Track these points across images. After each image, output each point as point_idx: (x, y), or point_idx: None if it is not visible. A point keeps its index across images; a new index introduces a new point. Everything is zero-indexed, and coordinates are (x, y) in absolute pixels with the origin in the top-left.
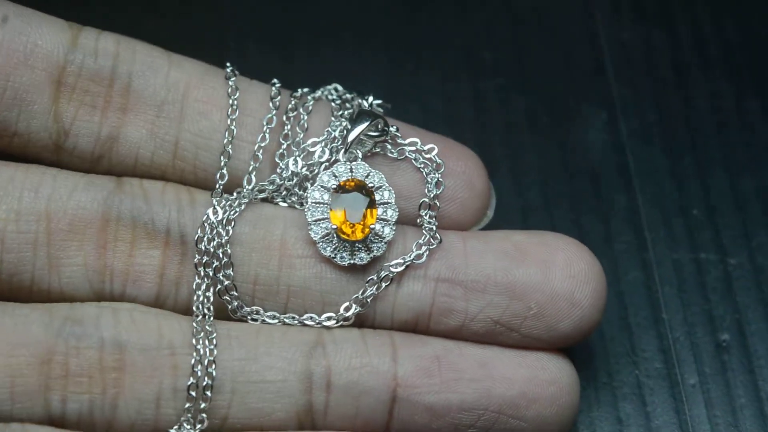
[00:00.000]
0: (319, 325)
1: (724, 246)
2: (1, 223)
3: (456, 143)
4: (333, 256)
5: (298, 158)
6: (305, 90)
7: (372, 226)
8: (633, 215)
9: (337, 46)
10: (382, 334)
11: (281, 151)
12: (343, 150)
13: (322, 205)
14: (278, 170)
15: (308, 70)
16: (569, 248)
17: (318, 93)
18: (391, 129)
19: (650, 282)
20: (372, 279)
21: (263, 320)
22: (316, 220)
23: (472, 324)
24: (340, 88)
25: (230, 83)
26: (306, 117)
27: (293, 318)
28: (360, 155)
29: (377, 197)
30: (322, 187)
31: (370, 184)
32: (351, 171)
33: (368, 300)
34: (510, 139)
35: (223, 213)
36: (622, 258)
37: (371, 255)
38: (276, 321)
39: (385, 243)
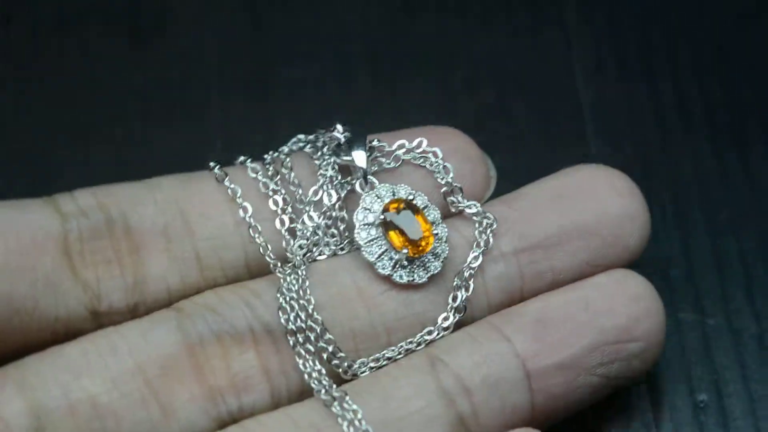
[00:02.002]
0: (423, 345)
1: (703, 306)
2: (104, 397)
3: (435, 127)
4: (391, 274)
5: (312, 213)
6: (272, 153)
7: (435, 235)
8: None
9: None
10: (481, 322)
11: (289, 215)
12: (362, 179)
13: (370, 227)
14: (298, 233)
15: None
16: (601, 173)
17: (286, 148)
18: (374, 143)
19: None
20: (457, 283)
21: (371, 367)
22: (368, 242)
23: (560, 277)
24: (302, 136)
25: (222, 180)
26: (292, 174)
27: (393, 350)
28: (377, 181)
29: (428, 215)
30: (365, 209)
31: (415, 202)
32: (393, 194)
33: (464, 304)
34: None
35: (296, 284)
36: None
37: (429, 273)
38: (383, 361)
39: (442, 261)
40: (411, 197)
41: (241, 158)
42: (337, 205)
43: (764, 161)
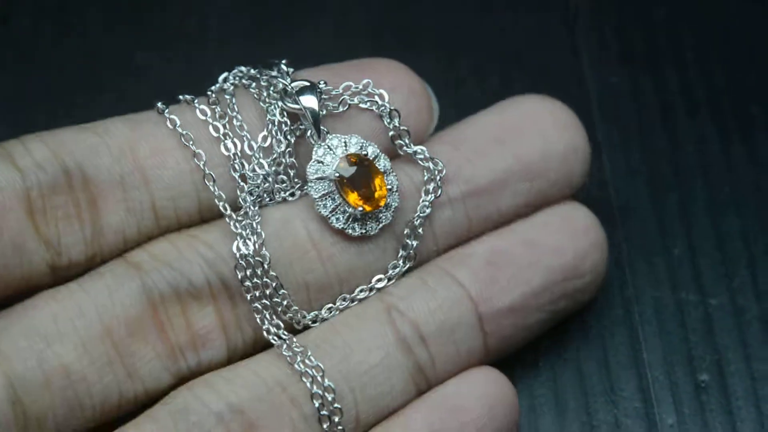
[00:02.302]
0: (371, 291)
1: (705, 286)
2: (76, 364)
3: (376, 61)
4: (344, 227)
5: (262, 161)
6: (213, 88)
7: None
8: (615, 252)
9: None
10: (432, 266)
11: (240, 161)
12: (313, 130)
13: (323, 181)
14: (249, 180)
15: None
16: (544, 105)
17: (227, 85)
18: (320, 86)
19: (630, 320)
20: (407, 232)
21: (323, 318)
22: (322, 196)
23: (504, 216)
24: (243, 69)
25: (174, 126)
26: (239, 117)
27: (345, 299)
28: (327, 130)
29: (379, 166)
30: (317, 161)
31: (367, 155)
32: (345, 145)
33: (414, 252)
34: None
35: (252, 243)
36: (602, 296)
37: (380, 225)
38: (336, 311)
39: (393, 212)
40: (362, 149)
41: (187, 96)
42: (287, 152)
43: (766, 144)
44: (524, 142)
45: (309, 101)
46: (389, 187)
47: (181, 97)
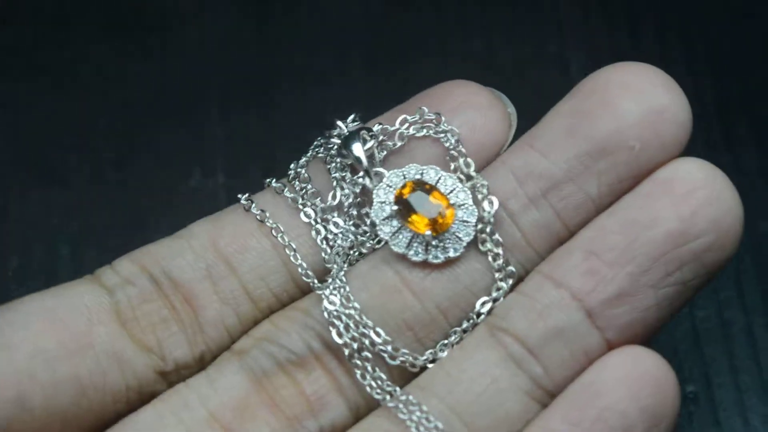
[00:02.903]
0: (479, 317)
1: (693, 299)
2: None
3: (438, 87)
4: (426, 257)
5: (336, 219)
6: (295, 164)
7: (454, 205)
8: None
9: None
10: (533, 274)
11: (322, 224)
12: (365, 175)
13: (390, 220)
14: (330, 241)
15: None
16: (615, 73)
17: (304, 159)
18: (375, 129)
19: None
20: (489, 246)
21: (436, 357)
22: (393, 235)
23: (600, 199)
24: (320, 140)
25: (249, 208)
26: (310, 185)
27: (456, 333)
28: (384, 170)
29: (452, 200)
30: (379, 203)
31: (425, 179)
32: (404, 177)
33: (513, 269)
34: None
35: (338, 297)
36: None
37: (463, 243)
38: (450, 347)
39: (463, 246)
40: (422, 175)
41: (267, 180)
42: (356, 203)
43: (753, 157)
44: (594, 119)
45: (355, 149)
46: (454, 203)
47: (266, 181)
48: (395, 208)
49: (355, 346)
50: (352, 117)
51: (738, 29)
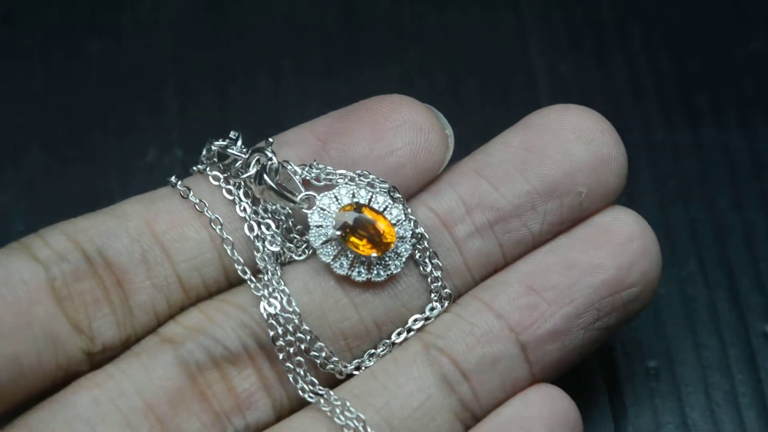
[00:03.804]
0: (412, 332)
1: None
2: None
3: (376, 101)
4: (369, 277)
5: (269, 221)
6: (201, 159)
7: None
8: None
9: (275, 73)
10: (467, 299)
11: (255, 220)
12: (290, 202)
13: (329, 243)
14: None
15: (246, 101)
16: (567, 116)
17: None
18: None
19: None
20: (437, 263)
21: (366, 365)
22: (334, 258)
23: (540, 236)
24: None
25: (187, 196)
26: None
27: (385, 345)
28: (316, 195)
29: (387, 217)
30: (316, 227)
31: (360, 200)
32: (337, 200)
33: (450, 292)
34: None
35: (278, 301)
36: None
37: (403, 258)
38: (377, 357)
39: (403, 261)
40: (354, 196)
41: (198, 167)
42: (287, 213)
43: (713, 133)
44: (547, 160)
45: (272, 183)
46: (394, 221)
47: (193, 168)
48: (337, 232)
49: (291, 350)
50: (236, 135)
51: (695, 8)
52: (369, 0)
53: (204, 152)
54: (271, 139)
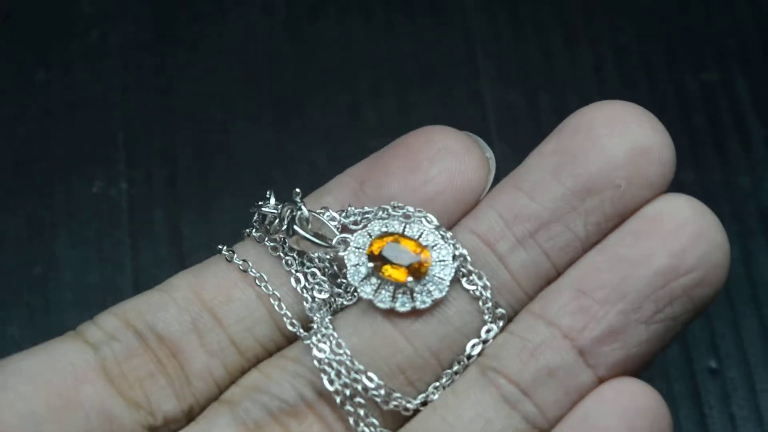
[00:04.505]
0: (470, 359)
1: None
2: None
3: (410, 136)
4: (392, 305)
5: (314, 270)
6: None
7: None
8: None
9: (224, 104)
10: (521, 315)
11: (298, 274)
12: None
13: (368, 279)
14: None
15: (194, 131)
16: (598, 113)
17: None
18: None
19: None
20: (485, 282)
21: (428, 399)
22: (375, 293)
23: (588, 238)
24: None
25: (231, 259)
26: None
27: (447, 375)
28: (350, 237)
29: (423, 243)
30: (353, 266)
31: (390, 231)
32: (370, 236)
33: (503, 312)
34: None
35: (327, 345)
36: None
37: (432, 298)
38: (441, 389)
39: (447, 285)
40: (385, 228)
41: (246, 230)
42: (332, 262)
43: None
44: (580, 159)
45: (306, 233)
46: (426, 245)
47: (245, 232)
48: (370, 265)
49: (347, 392)
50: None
51: (648, 37)
52: (318, 27)
53: (255, 217)
54: (298, 190)
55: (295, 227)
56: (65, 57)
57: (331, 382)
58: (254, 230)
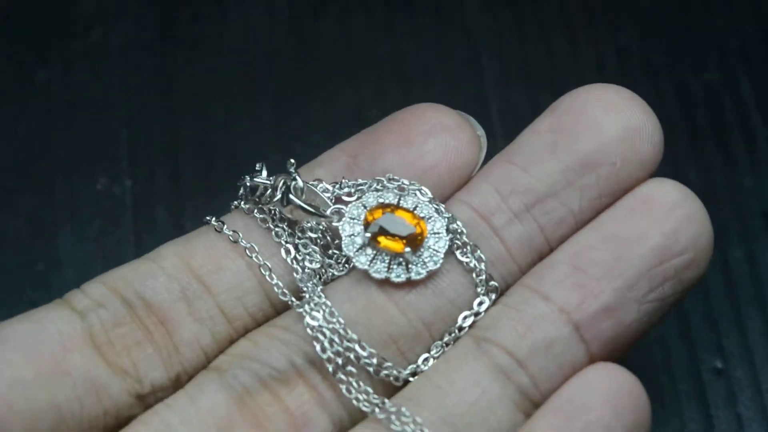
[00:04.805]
0: (461, 330)
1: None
2: None
3: (403, 112)
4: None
5: (306, 240)
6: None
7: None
8: None
9: (226, 103)
10: (515, 288)
11: (288, 245)
12: (322, 218)
13: (363, 249)
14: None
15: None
16: (593, 93)
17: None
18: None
19: None
20: (479, 255)
21: (422, 370)
22: (371, 263)
23: (581, 214)
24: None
25: (221, 229)
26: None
27: (438, 347)
28: (344, 207)
29: (420, 215)
30: (348, 236)
31: (386, 201)
32: (365, 207)
33: (496, 284)
34: None
35: (320, 313)
36: None
37: (427, 269)
38: (432, 360)
39: (441, 257)
40: (381, 199)
41: (234, 203)
42: (325, 232)
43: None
44: (577, 136)
45: (300, 202)
46: (423, 215)
47: (232, 206)
48: (367, 236)
49: (340, 361)
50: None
51: (650, 37)
52: (319, 26)
53: (241, 190)
54: (293, 161)
55: (291, 196)
56: (65, 57)
57: (324, 350)
58: (242, 202)
